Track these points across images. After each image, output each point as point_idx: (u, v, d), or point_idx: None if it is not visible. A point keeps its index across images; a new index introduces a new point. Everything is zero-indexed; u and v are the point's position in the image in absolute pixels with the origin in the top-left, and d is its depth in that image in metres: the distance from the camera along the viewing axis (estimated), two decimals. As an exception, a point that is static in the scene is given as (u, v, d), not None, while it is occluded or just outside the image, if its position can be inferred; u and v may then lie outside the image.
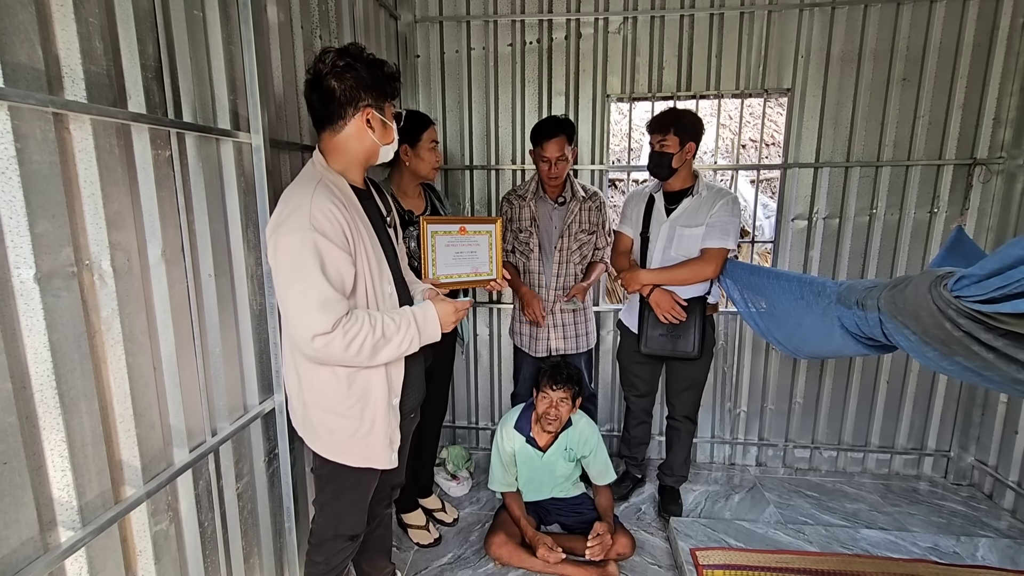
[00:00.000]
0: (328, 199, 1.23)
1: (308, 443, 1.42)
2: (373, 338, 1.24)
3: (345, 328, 1.20)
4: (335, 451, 1.39)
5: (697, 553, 2.04)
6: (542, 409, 2.10)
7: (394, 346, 1.28)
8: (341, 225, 1.23)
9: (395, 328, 1.28)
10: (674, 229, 2.15)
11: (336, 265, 1.21)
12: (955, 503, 2.57)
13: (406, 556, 2.17)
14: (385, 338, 1.26)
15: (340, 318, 1.19)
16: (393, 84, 1.33)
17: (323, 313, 1.17)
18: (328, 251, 1.19)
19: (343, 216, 1.24)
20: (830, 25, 2.48)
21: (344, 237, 1.23)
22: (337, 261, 1.21)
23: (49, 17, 0.91)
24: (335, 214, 1.22)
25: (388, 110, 1.35)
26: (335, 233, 1.21)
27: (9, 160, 0.83)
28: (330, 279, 1.19)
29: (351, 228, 1.26)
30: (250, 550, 1.51)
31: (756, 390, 2.85)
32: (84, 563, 0.98)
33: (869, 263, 2.64)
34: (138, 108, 1.09)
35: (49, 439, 0.92)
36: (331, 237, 1.20)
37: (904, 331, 1.25)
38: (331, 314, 1.18)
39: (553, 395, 2.07)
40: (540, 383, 2.11)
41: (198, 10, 1.26)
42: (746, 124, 5.88)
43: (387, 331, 1.26)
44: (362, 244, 1.29)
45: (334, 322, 1.18)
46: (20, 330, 0.86)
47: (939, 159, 2.51)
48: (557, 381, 2.07)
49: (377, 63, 1.29)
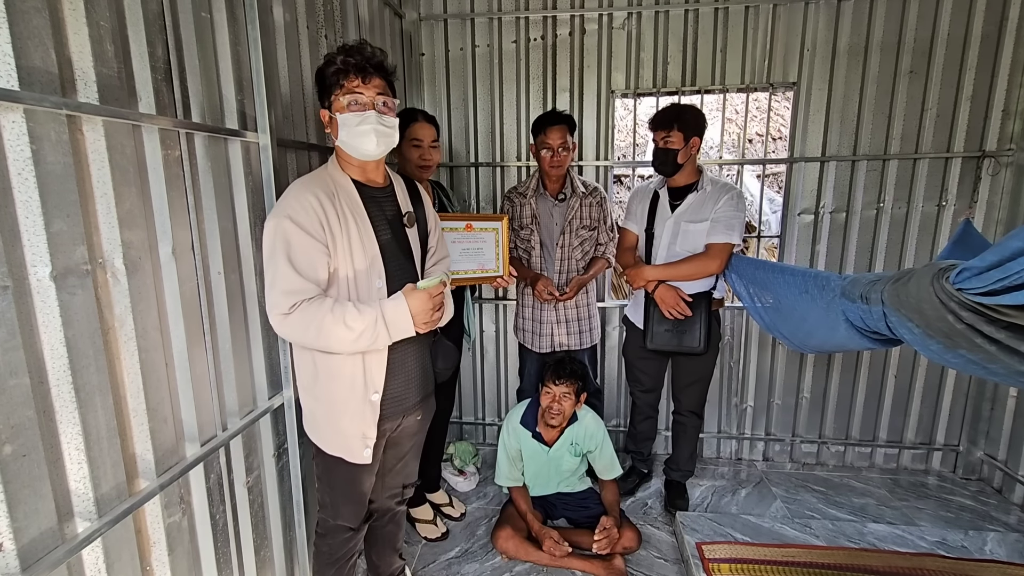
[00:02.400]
0: (311, 191, 1.27)
1: (305, 428, 1.49)
2: (331, 321, 1.22)
3: (303, 310, 1.23)
4: (314, 433, 1.45)
5: (703, 547, 2.05)
6: (545, 404, 2.11)
7: (355, 334, 1.24)
8: (319, 216, 1.26)
9: (356, 316, 1.24)
10: (679, 225, 2.15)
11: (306, 253, 1.24)
12: (964, 497, 2.56)
13: (414, 550, 2.19)
14: (346, 325, 1.23)
15: (300, 301, 1.23)
16: (332, 72, 1.28)
17: (284, 296, 1.23)
18: (296, 238, 1.23)
19: (327, 209, 1.27)
20: (836, 18, 2.46)
21: (320, 227, 1.26)
22: (307, 249, 1.24)
23: (62, 21, 0.93)
24: (313, 205, 1.25)
25: (337, 101, 1.28)
26: (309, 222, 1.24)
27: (25, 161, 0.86)
28: (295, 264, 1.23)
29: (339, 221, 1.29)
30: (260, 542, 1.54)
31: (763, 385, 2.85)
32: (100, 553, 1.01)
33: (876, 257, 2.63)
34: (148, 109, 1.11)
35: (66, 432, 0.94)
36: (303, 226, 1.24)
37: (908, 324, 1.26)
38: (291, 297, 1.23)
39: (556, 390, 2.08)
40: (544, 378, 2.13)
41: (206, 12, 1.28)
42: (752, 118, 5.84)
43: (347, 318, 1.24)
44: (346, 238, 1.30)
45: (292, 304, 1.23)
46: (37, 326, 0.89)
47: (947, 152, 2.49)
48: (560, 376, 2.08)
49: (328, 59, 1.29)
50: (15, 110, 0.84)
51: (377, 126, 1.28)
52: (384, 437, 1.48)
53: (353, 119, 1.27)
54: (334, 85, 1.29)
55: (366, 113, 1.27)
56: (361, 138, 1.29)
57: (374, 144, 1.30)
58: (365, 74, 1.27)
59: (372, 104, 1.28)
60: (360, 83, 1.27)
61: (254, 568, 1.50)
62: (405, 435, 1.56)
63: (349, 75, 1.27)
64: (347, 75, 1.27)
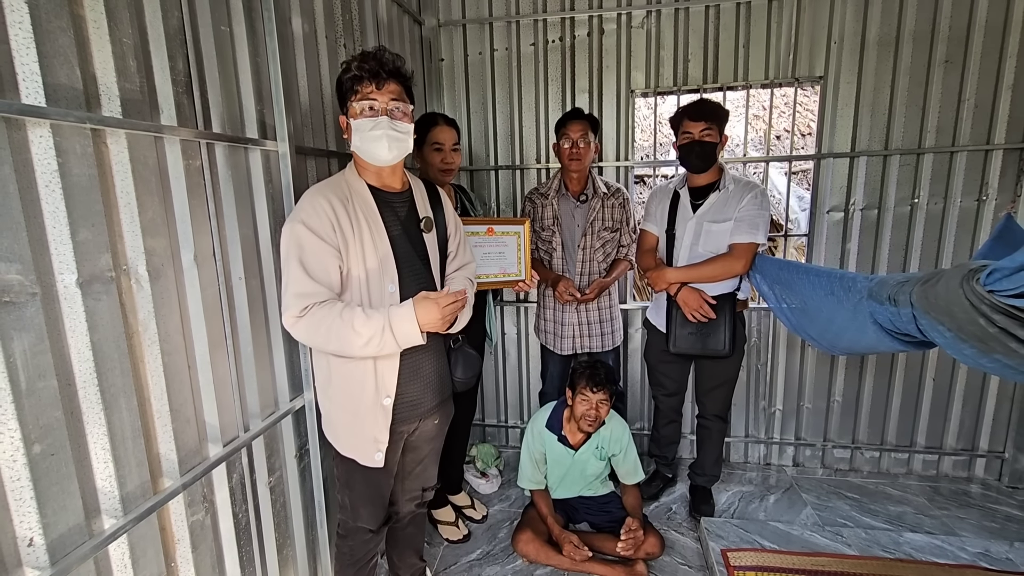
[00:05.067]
0: (324, 196, 1.30)
1: (324, 430, 1.52)
2: (340, 325, 1.25)
3: (313, 313, 1.25)
4: (331, 435, 1.48)
5: (728, 554, 2.00)
6: (581, 411, 2.07)
7: (363, 339, 1.25)
8: (331, 220, 1.28)
9: (364, 322, 1.25)
10: (701, 225, 2.11)
11: (317, 257, 1.27)
12: (1010, 507, 2.43)
13: (436, 551, 2.21)
14: (354, 330, 1.24)
15: (311, 304, 1.25)
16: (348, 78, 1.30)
17: (295, 298, 1.26)
18: (310, 244, 1.26)
19: (339, 213, 1.29)
20: (865, 8, 2.38)
21: (332, 231, 1.28)
22: (319, 253, 1.27)
23: (87, 39, 0.97)
24: (326, 210, 1.28)
25: (353, 106, 1.30)
26: (321, 227, 1.27)
27: (52, 174, 0.90)
28: (307, 268, 1.26)
29: (351, 225, 1.31)
30: (283, 541, 1.57)
31: (792, 388, 2.76)
32: (126, 549, 1.05)
33: (911, 255, 2.52)
34: (170, 121, 1.15)
35: (92, 432, 0.98)
36: (315, 230, 1.26)
37: (939, 328, 1.20)
38: (302, 300, 1.25)
39: (593, 397, 2.04)
40: (577, 385, 2.08)
41: (225, 26, 1.32)
42: (780, 115, 5.69)
43: (356, 323, 1.25)
44: (358, 242, 1.32)
45: (304, 307, 1.25)
46: (64, 331, 0.93)
47: (987, 144, 2.38)
48: (597, 383, 2.04)
49: (345, 66, 1.32)
50: (42, 125, 0.88)
51: (389, 131, 1.29)
52: (401, 440, 1.50)
53: (366, 124, 1.29)
54: (350, 91, 1.31)
55: (379, 119, 1.29)
56: (374, 143, 1.30)
57: (386, 149, 1.31)
58: (379, 80, 1.29)
59: (385, 110, 1.29)
60: (374, 89, 1.29)
61: (276, 566, 1.54)
62: (423, 439, 1.57)
63: (364, 81, 1.29)
64: (362, 81, 1.29)
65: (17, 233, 0.85)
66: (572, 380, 2.13)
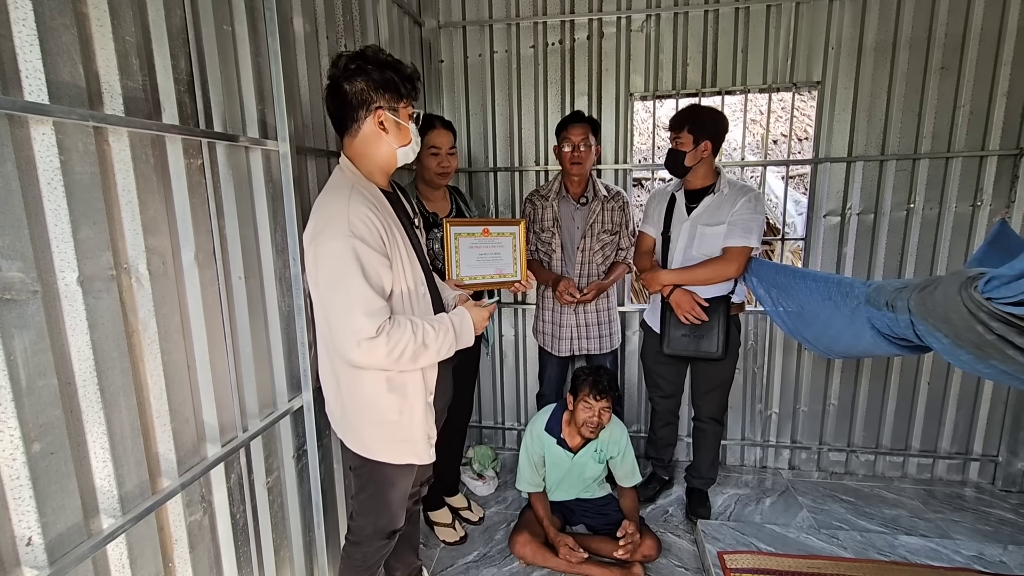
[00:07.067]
0: (364, 205, 1.26)
1: (348, 444, 1.46)
2: (415, 345, 1.27)
3: (389, 334, 1.22)
4: (377, 450, 1.41)
5: (725, 556, 2.01)
6: (584, 418, 2.07)
7: (432, 352, 1.32)
8: (378, 230, 1.26)
9: (434, 335, 1.31)
10: (695, 228, 2.12)
11: (376, 270, 1.24)
12: (1004, 510, 2.45)
13: (432, 553, 2.20)
14: (425, 345, 1.29)
15: (383, 323, 1.22)
16: (408, 85, 1.33)
17: (368, 318, 1.20)
18: (368, 256, 1.22)
19: (379, 221, 1.27)
20: (862, 14, 2.40)
21: (381, 241, 1.26)
22: (376, 266, 1.24)
23: (90, 37, 0.97)
24: (371, 219, 1.25)
25: (403, 111, 1.35)
26: (373, 238, 1.24)
27: (54, 172, 0.90)
28: (372, 284, 1.22)
29: (387, 233, 1.29)
30: (280, 542, 1.57)
31: (788, 391, 2.78)
32: (124, 549, 1.04)
33: (907, 260, 2.54)
34: (172, 120, 1.15)
35: (91, 431, 0.98)
36: (369, 242, 1.23)
37: (936, 334, 1.21)
38: (375, 319, 1.20)
39: (596, 405, 2.05)
40: (580, 392, 2.09)
41: (227, 25, 1.32)
42: (778, 119, 5.73)
43: (427, 338, 1.29)
44: (397, 248, 1.32)
45: (378, 327, 1.20)
46: (64, 329, 0.93)
47: (982, 150, 2.40)
48: (601, 391, 2.04)
49: (391, 64, 1.31)
50: (45, 123, 0.88)
51: None
52: None
53: (415, 131, 1.39)
54: (407, 95, 1.35)
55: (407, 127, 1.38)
56: (411, 148, 1.39)
57: (414, 155, 1.42)
58: None
59: None
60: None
61: (274, 567, 1.53)
62: None
63: (412, 93, 1.37)
64: (412, 93, 1.36)
65: (19, 230, 0.85)
66: (574, 386, 2.13)
